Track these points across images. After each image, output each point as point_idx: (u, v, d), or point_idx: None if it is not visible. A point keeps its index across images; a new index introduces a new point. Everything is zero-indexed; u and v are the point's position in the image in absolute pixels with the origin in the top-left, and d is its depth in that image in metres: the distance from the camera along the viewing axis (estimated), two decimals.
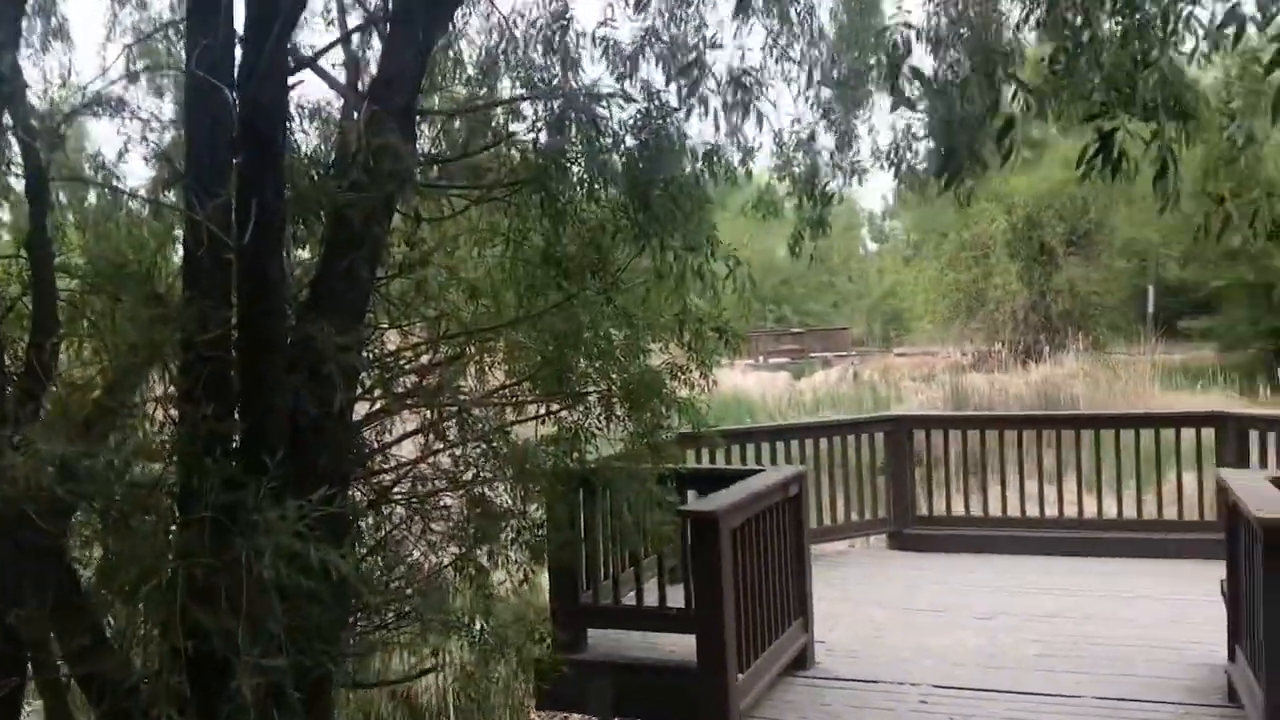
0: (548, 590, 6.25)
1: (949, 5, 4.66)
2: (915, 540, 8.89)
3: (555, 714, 7.03)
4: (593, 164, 4.22)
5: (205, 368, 3.58)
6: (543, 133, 4.38)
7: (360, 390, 4.37)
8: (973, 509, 8.93)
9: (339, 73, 4.81)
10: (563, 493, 5.05)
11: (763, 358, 32.48)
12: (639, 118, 4.24)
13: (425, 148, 4.65)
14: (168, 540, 3.64)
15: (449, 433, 4.58)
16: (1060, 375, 21.69)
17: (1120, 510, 8.62)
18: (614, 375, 5.03)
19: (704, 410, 5.25)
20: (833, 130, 6.27)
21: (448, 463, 4.78)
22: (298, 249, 4.55)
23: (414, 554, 4.80)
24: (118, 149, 4.94)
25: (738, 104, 5.04)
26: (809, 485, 6.63)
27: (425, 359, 4.71)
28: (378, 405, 4.51)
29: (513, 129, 4.58)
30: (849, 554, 8.97)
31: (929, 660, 6.13)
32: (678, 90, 4.54)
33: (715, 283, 5.11)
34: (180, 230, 3.90)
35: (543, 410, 5.15)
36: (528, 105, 4.48)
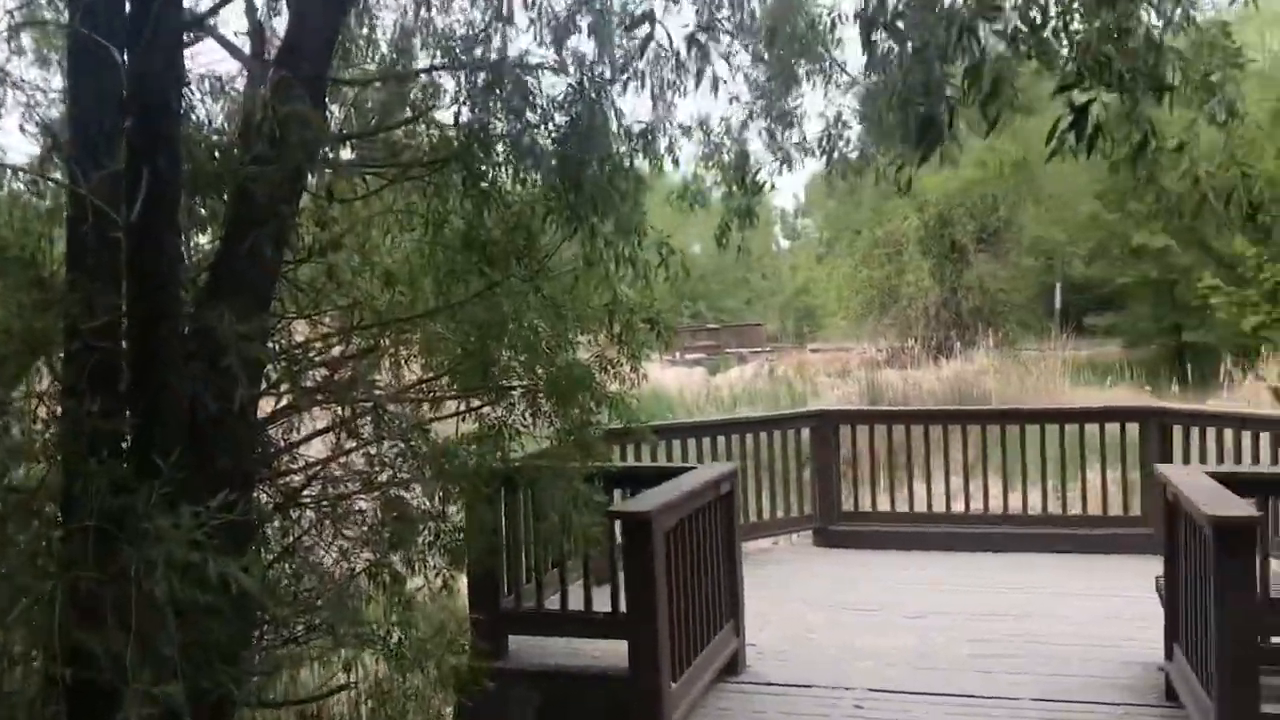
0: (467, 596, 5.96)
1: None
2: (841, 537, 8.75)
3: None
4: (520, 141, 3.92)
5: (92, 358, 3.22)
6: (465, 107, 4.08)
7: (265, 384, 4.03)
8: (899, 505, 8.81)
9: (244, 43, 4.45)
10: (484, 494, 4.76)
11: (679, 353, 32.35)
12: (571, 92, 3.96)
13: (338, 123, 4.31)
14: (48, 551, 3.27)
15: (362, 431, 4.25)
16: (971, 371, 21.88)
17: (1045, 505, 8.58)
18: (540, 369, 4.78)
19: (634, 406, 5.01)
20: (764, 115, 6.06)
21: (361, 463, 4.45)
22: (198, 235, 4.19)
23: (325, 561, 4.46)
24: None
25: (688, 67, 4.78)
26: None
27: (337, 351, 4.37)
28: (285, 401, 4.17)
29: (433, 103, 4.25)
30: (774, 551, 8.79)
31: (862, 662, 5.96)
32: (611, 65, 4.26)
33: (648, 271, 4.86)
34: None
35: (463, 406, 4.86)
36: (449, 78, 4.17)
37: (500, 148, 4.06)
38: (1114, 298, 31.00)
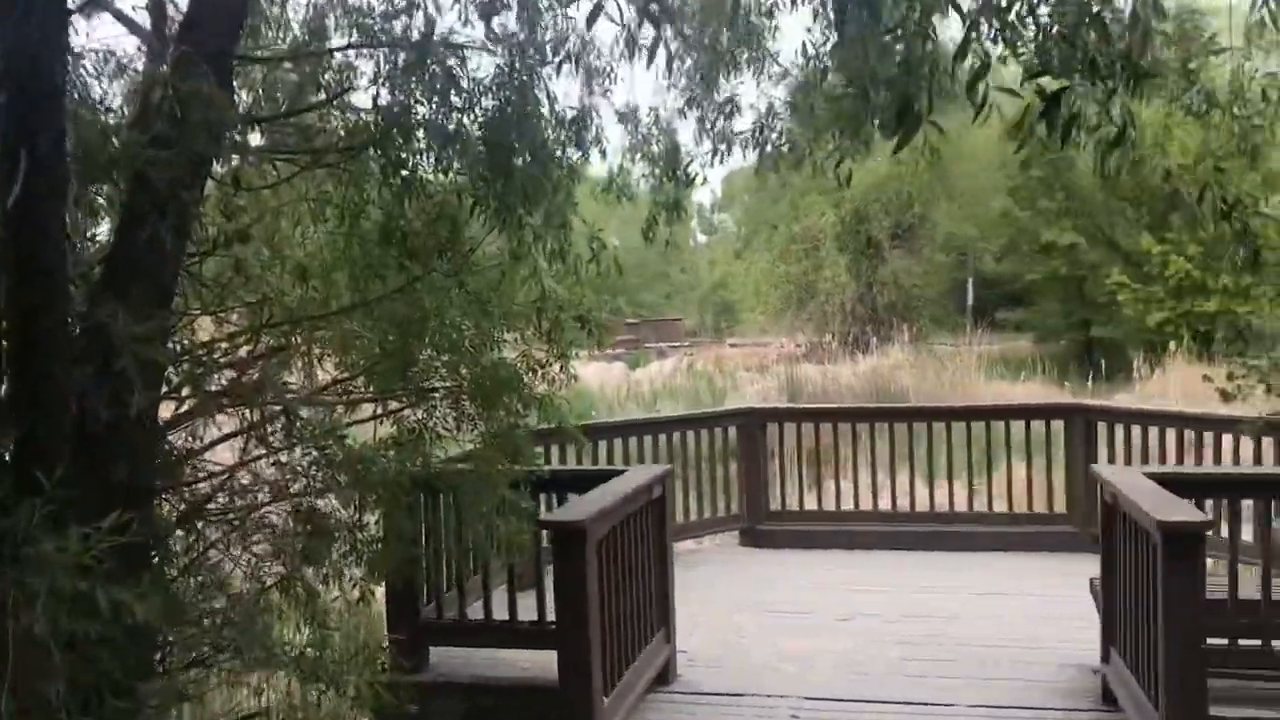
0: (385, 607, 5.67)
1: None
2: (768, 536, 8.62)
3: None
4: (443, 126, 3.66)
5: None
6: (384, 89, 3.80)
7: (166, 388, 3.70)
8: (825, 503, 8.71)
9: (145, 19, 4.10)
10: (404, 501, 4.49)
11: (598, 349, 32.08)
12: (499, 74, 3.71)
13: (246, 105, 3.99)
14: None
15: (273, 436, 3.94)
16: (887, 366, 22.08)
17: (971, 503, 8.55)
18: (463, 369, 4.52)
19: (564, 407, 4.78)
20: (697, 105, 5.85)
21: (272, 471, 4.14)
22: (94, 225, 3.84)
23: (233, 576, 4.15)
24: None
25: (637, 42, 4.53)
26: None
27: (244, 351, 4.06)
28: (187, 405, 3.85)
29: (349, 85, 3.96)
30: (701, 552, 8.63)
31: (794, 668, 5.81)
32: (543, 45, 4.01)
33: (578, 266, 4.63)
34: None
35: (382, 409, 4.58)
36: (367, 58, 3.89)
37: (422, 133, 3.78)
38: (1024, 294, 31.47)
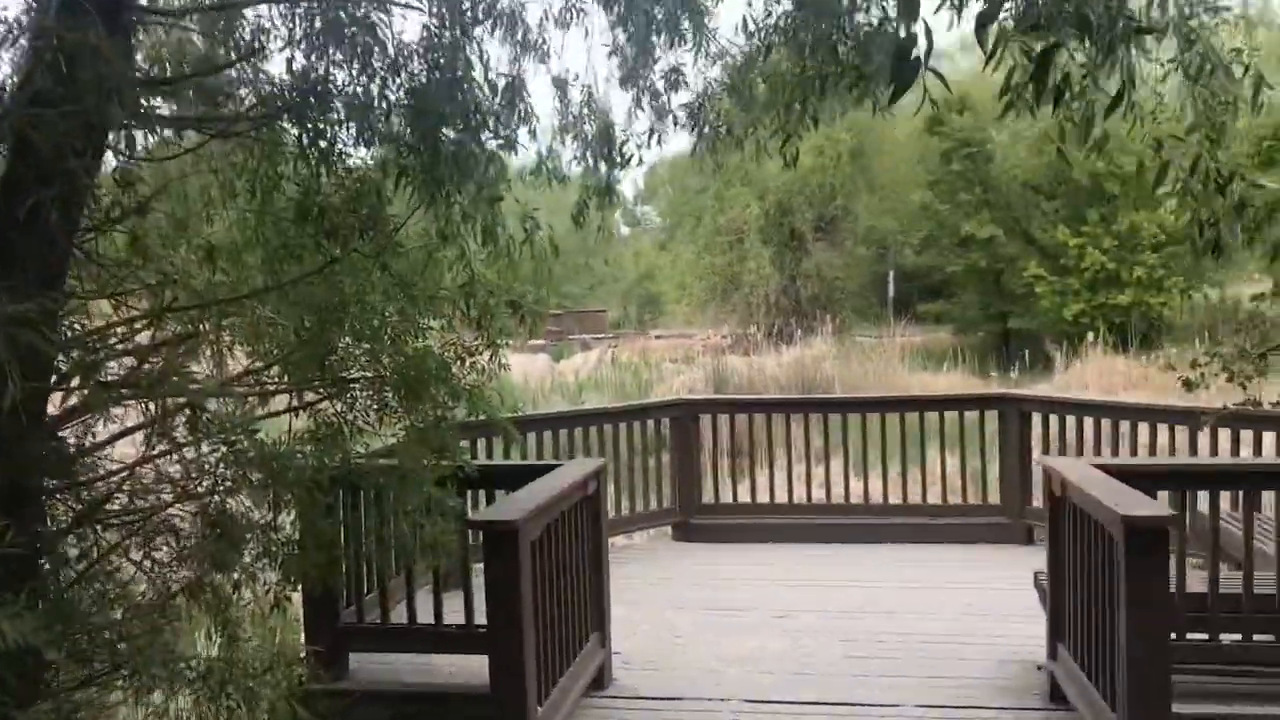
0: (302, 611, 5.35)
1: None
2: (701, 531, 8.42)
3: None
4: (366, 93, 3.35)
5: None
6: (300, 51, 3.47)
7: (55, 378, 3.35)
8: (759, 496, 8.52)
9: None
10: (321, 500, 4.18)
11: (522, 340, 31.69)
12: (428, 35, 3.41)
13: (146, 65, 3.62)
14: None
15: (177, 431, 3.59)
16: (811, 357, 22.07)
17: (905, 495, 8.43)
18: (386, 358, 4.21)
19: (495, 400, 4.49)
20: (633, 83, 5.59)
21: (177, 468, 3.79)
22: None
23: (136, 583, 3.79)
24: None
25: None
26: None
27: (145, 337, 3.70)
28: (77, 398, 3.49)
29: (261, 46, 3.62)
30: (633, 548, 8.39)
31: (734, 669, 5.59)
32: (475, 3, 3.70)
33: (510, 248, 4.35)
34: None
35: (297, 401, 4.25)
36: (281, 17, 3.55)
37: (342, 100, 3.46)
38: (943, 286, 31.80)
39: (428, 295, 4.23)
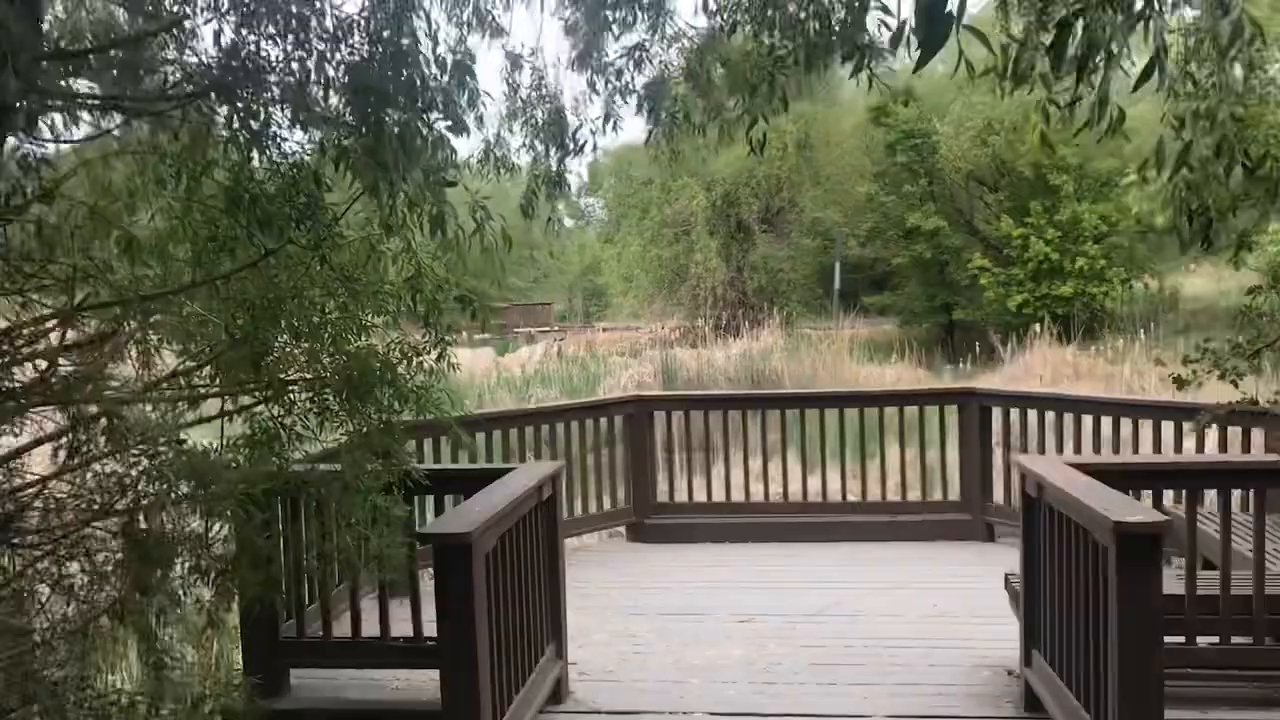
0: (239, 626, 5.03)
1: None
2: (656, 531, 8.18)
3: None
4: (303, 68, 3.04)
5: None
6: (229, 22, 3.15)
7: None
8: (715, 494, 8.29)
9: None
10: (258, 512, 3.87)
11: (466, 334, 31.21)
12: (371, 5, 3.11)
13: (53, 35, 3.28)
14: None
15: (96, 441, 3.27)
16: (758, 350, 21.99)
17: (864, 492, 8.24)
18: (326, 358, 3.92)
19: (446, 401, 4.20)
20: (588, 64, 5.31)
21: (96, 482, 3.46)
22: None
23: (50, 611, 3.46)
24: None
25: None
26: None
27: (56, 338, 3.37)
28: None
29: (186, 16, 3.29)
30: (587, 550, 8.12)
31: (696, 680, 5.35)
32: None
33: (459, 239, 4.05)
34: None
35: (232, 405, 3.93)
36: None
37: (276, 77, 3.15)
38: (888, 277, 31.86)
39: (371, 290, 3.94)
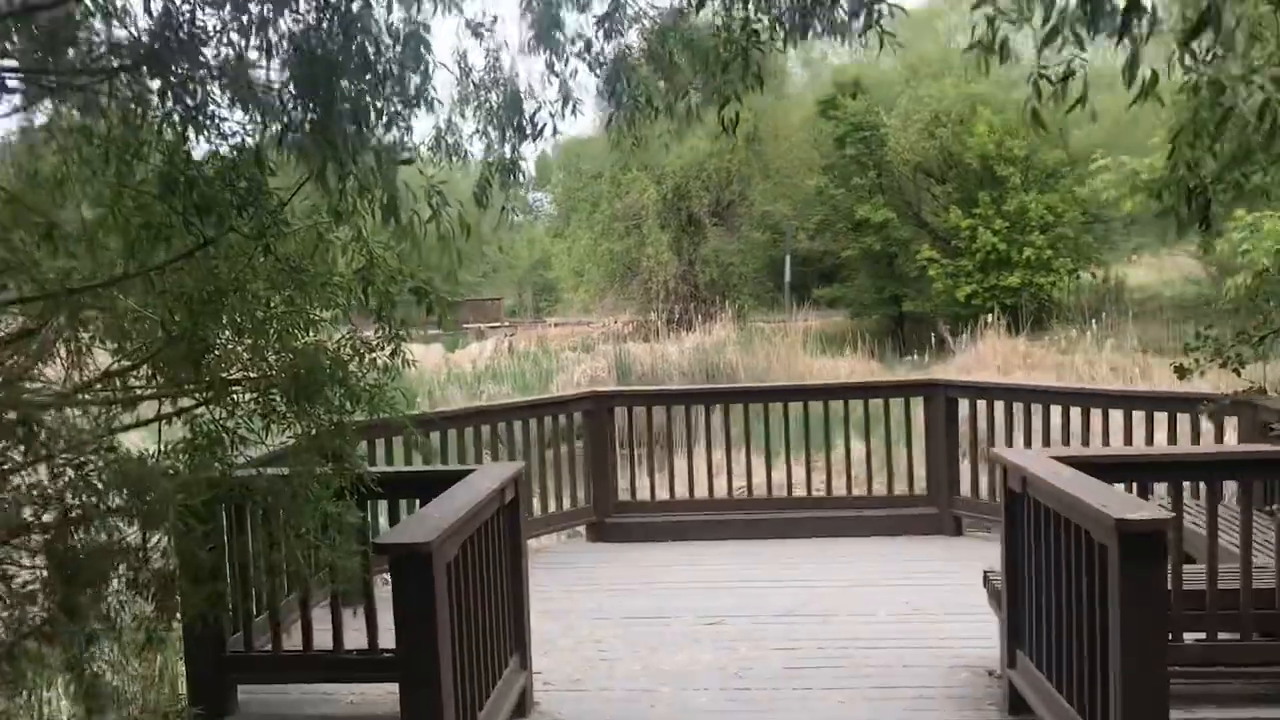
0: (182, 641, 4.75)
1: None
2: (618, 530, 7.95)
3: None
4: (244, 38, 2.77)
5: None
6: None
7: None
8: (678, 491, 8.08)
9: None
10: (199, 521, 3.59)
11: (420, 329, 30.64)
12: None
13: None
14: None
15: (16, 449, 2.97)
16: (711, 343, 21.90)
17: (829, 487, 8.06)
18: (272, 356, 3.65)
19: (400, 401, 3.94)
20: (546, 46, 5.04)
21: (31, 489, 3.16)
22: None
23: None
24: None
25: None
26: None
27: None
28: None
29: None
30: (547, 551, 7.86)
31: (666, 688, 5.13)
32: None
33: (414, 227, 3.79)
34: None
35: (171, 407, 3.65)
36: None
37: (214, 48, 2.87)
38: (838, 270, 31.89)
39: (319, 282, 3.67)
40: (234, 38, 2.88)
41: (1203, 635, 4.54)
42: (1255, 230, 6.78)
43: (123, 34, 3.11)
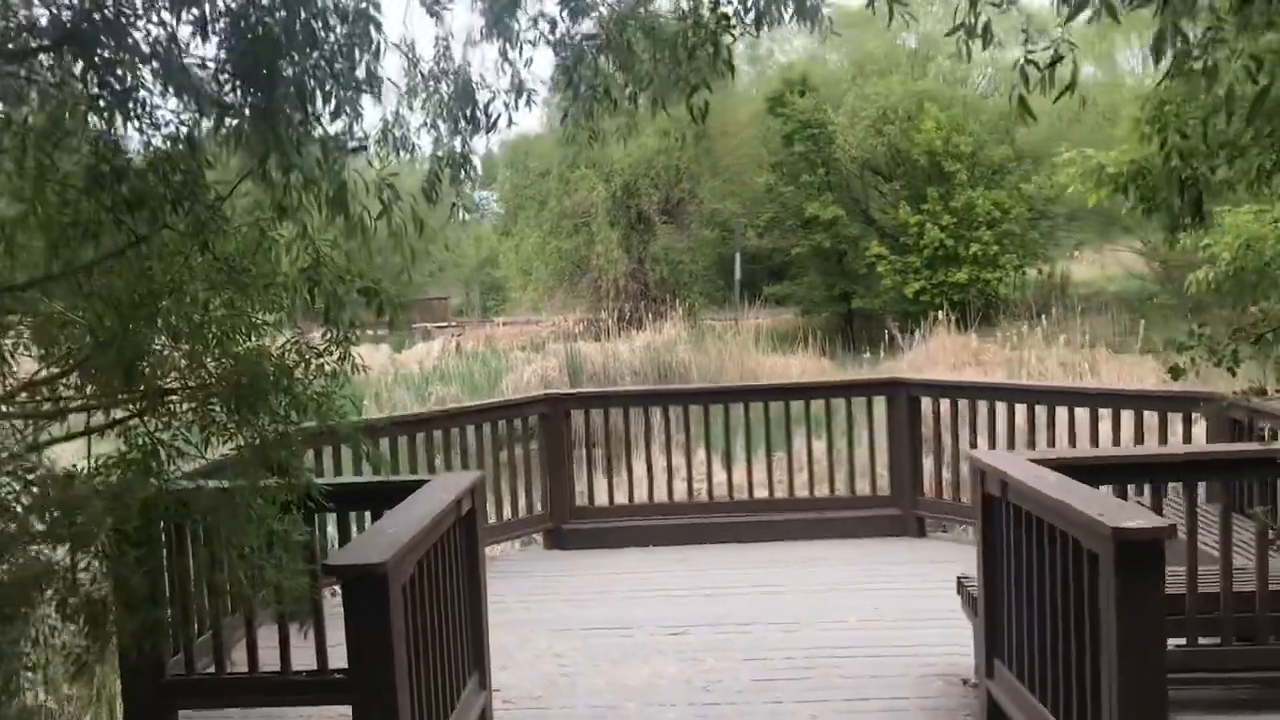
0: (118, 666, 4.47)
1: None
2: (576, 537, 7.73)
3: None
4: (176, 16, 2.52)
5: None
6: None
7: None
8: (637, 495, 7.87)
9: None
10: (133, 545, 3.34)
11: (367, 330, 30.15)
12: None
13: None
14: None
15: None
16: (662, 342, 21.72)
17: (792, 489, 7.91)
18: (211, 362, 3.40)
19: (350, 409, 3.71)
20: (499, 34, 4.82)
21: None
22: None
23: None
24: None
25: None
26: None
27: None
28: None
29: None
30: (502, 560, 7.61)
31: (632, 704, 4.92)
32: None
33: (364, 223, 3.55)
34: None
35: (103, 419, 3.39)
36: None
37: (142, 28, 2.62)
38: (787, 267, 31.84)
39: (262, 283, 3.43)
40: (165, 16, 2.62)
41: (1183, 641, 4.43)
42: (1218, 225, 6.75)
43: (43, 12, 2.84)
